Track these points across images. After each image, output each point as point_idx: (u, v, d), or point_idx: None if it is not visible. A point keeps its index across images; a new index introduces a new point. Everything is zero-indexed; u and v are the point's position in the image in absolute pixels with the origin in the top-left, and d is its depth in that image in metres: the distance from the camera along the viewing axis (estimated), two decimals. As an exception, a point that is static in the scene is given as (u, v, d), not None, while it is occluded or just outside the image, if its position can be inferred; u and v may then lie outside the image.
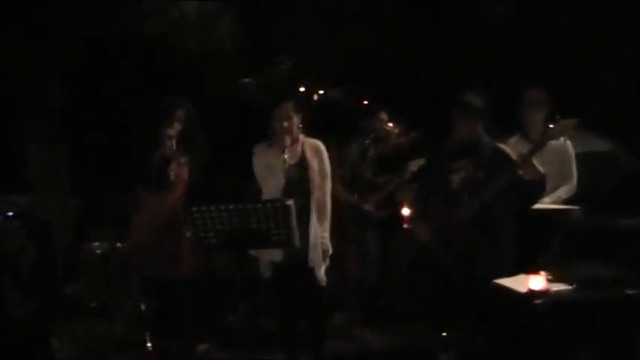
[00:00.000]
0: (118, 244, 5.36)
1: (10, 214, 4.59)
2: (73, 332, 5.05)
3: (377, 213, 5.49)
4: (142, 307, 4.91)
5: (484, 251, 4.20)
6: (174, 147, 4.43)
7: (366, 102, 6.51)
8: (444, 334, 4.67)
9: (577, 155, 4.90)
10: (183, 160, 4.48)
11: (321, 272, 4.35)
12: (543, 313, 3.51)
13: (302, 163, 4.34)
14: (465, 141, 4.37)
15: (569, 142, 4.80)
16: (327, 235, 4.40)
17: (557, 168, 4.73)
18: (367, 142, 5.50)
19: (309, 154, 4.37)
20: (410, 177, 5.38)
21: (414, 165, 5.34)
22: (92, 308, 5.59)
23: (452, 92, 4.49)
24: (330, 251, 4.42)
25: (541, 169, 4.32)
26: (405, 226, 5.21)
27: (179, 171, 4.46)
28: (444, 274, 4.46)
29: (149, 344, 4.75)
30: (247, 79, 6.33)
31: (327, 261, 4.40)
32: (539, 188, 4.42)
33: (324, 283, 4.36)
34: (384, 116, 5.62)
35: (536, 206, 4.57)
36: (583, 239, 4.52)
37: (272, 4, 6.41)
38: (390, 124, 5.60)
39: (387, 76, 6.91)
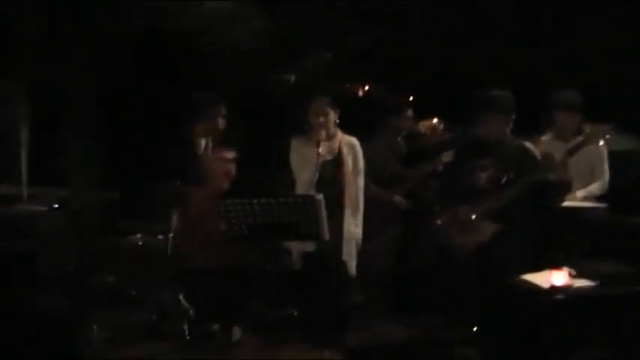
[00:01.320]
0: (154, 237, 5.53)
1: (56, 206, 4.76)
2: (106, 321, 5.21)
3: (402, 203, 5.50)
4: (179, 296, 5.12)
5: (506, 247, 4.28)
6: (211, 142, 4.62)
7: (396, 97, 6.60)
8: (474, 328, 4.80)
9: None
10: (219, 154, 4.65)
11: (352, 265, 4.48)
12: (565, 309, 3.59)
13: (337, 159, 4.48)
14: (491, 138, 4.46)
15: (602, 143, 4.84)
16: (359, 230, 4.53)
17: (589, 167, 4.83)
18: (399, 139, 5.57)
19: (345, 150, 4.50)
20: (440, 167, 5.44)
21: (447, 156, 5.39)
22: (126, 298, 5.78)
23: (474, 90, 4.56)
24: (359, 239, 4.55)
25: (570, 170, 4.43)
26: (427, 220, 5.29)
27: (216, 165, 4.63)
28: (466, 269, 4.57)
29: (185, 333, 4.94)
30: (282, 74, 6.43)
31: (352, 249, 4.54)
32: (565, 190, 4.51)
33: (353, 276, 4.49)
34: (410, 112, 5.71)
35: (565, 203, 4.66)
36: (607, 236, 4.59)
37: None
38: (420, 121, 5.68)
39: (416, 73, 6.99)
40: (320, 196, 3.88)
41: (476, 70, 6.15)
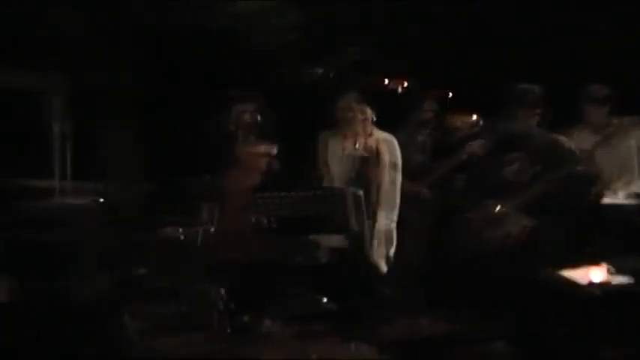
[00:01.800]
0: (188, 229, 5.62)
1: (102, 200, 4.87)
2: (141, 313, 5.32)
3: (427, 195, 5.48)
4: (211, 287, 5.21)
5: (537, 241, 4.27)
6: (248, 137, 4.68)
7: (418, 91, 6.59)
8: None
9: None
10: (258, 151, 4.70)
11: (383, 262, 4.50)
12: (603, 305, 3.56)
13: (373, 156, 4.49)
14: (520, 132, 4.45)
15: (632, 138, 4.84)
16: (394, 225, 4.54)
17: (618, 161, 4.77)
18: (427, 131, 5.57)
19: (382, 147, 4.51)
20: (469, 158, 5.41)
21: (471, 147, 5.35)
22: (163, 290, 5.88)
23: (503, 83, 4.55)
24: (395, 242, 4.55)
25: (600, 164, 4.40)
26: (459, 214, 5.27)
27: (254, 159, 4.69)
28: (496, 263, 4.56)
29: (217, 325, 5.03)
30: (315, 70, 6.48)
31: (390, 250, 4.55)
32: (593, 183, 4.49)
33: (384, 272, 4.51)
34: (434, 105, 5.69)
35: (604, 201, 4.64)
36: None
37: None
38: (447, 113, 5.66)
39: (443, 67, 6.99)
40: (354, 190, 3.91)
41: (506, 65, 6.13)
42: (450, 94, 6.20)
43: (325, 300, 5.14)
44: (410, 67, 6.70)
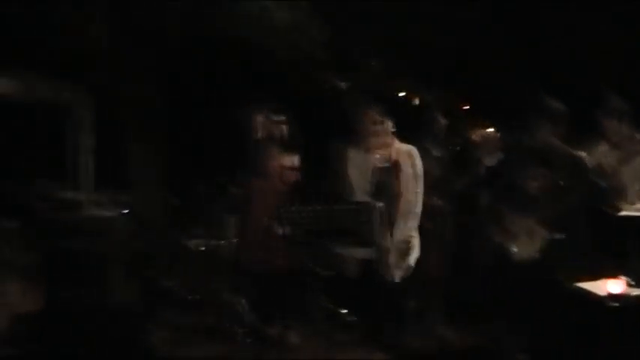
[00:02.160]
0: (215, 242, 5.70)
1: (126, 211, 4.96)
2: (167, 323, 5.41)
3: (448, 209, 5.54)
4: (237, 298, 5.28)
5: (559, 254, 4.32)
6: (274, 148, 4.78)
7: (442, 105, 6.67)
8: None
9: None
10: (283, 163, 4.79)
11: (404, 272, 4.55)
12: (622, 317, 3.61)
13: (393, 167, 4.56)
14: (544, 146, 4.51)
15: None
16: (414, 234, 4.59)
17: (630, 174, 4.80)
18: (445, 145, 5.63)
19: (402, 159, 4.58)
20: (485, 172, 5.47)
21: (489, 160, 5.41)
22: (188, 301, 5.97)
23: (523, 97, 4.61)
24: (415, 251, 4.61)
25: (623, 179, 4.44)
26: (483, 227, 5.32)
27: (279, 172, 4.78)
28: (520, 276, 4.62)
29: (243, 335, 5.11)
30: (339, 82, 6.57)
31: (409, 261, 4.60)
32: (618, 197, 4.54)
33: (399, 281, 4.54)
34: (444, 120, 5.78)
35: (623, 213, 4.67)
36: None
37: (357, 11, 6.66)
38: (468, 130, 5.73)
39: (463, 80, 7.08)
40: (378, 204, 3.99)
41: (530, 79, 6.21)
42: (468, 108, 6.25)
43: (349, 312, 5.23)
44: (428, 80, 6.79)
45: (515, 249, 4.60)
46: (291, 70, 6.44)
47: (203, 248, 5.81)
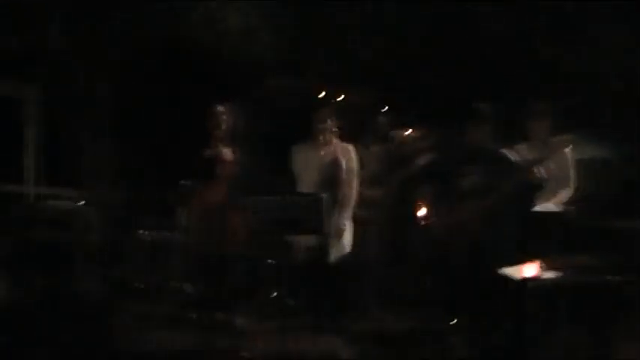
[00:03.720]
0: (165, 232, 5.98)
1: (82, 202, 5.18)
2: (123, 311, 5.60)
3: (385, 203, 5.93)
4: (189, 286, 5.58)
5: (491, 245, 4.79)
6: (224, 145, 5.13)
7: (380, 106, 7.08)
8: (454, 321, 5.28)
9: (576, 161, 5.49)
10: (229, 156, 5.16)
11: (335, 254, 4.95)
12: (535, 296, 4.09)
13: (334, 162, 4.99)
14: (475, 146, 4.96)
15: (568, 151, 5.29)
16: (345, 221, 5.01)
17: (557, 173, 5.27)
18: (388, 144, 6.06)
19: (340, 154, 5.02)
20: (418, 172, 5.92)
21: (421, 161, 5.89)
22: (141, 289, 6.22)
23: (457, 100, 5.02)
24: (348, 236, 5.02)
25: (544, 175, 4.92)
26: (420, 221, 5.77)
27: (227, 166, 5.14)
28: (454, 266, 5.08)
29: (195, 321, 5.38)
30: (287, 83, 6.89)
31: (343, 244, 5.02)
32: (539, 191, 5.05)
33: (338, 265, 4.93)
34: (388, 120, 6.21)
35: (538, 208, 5.18)
36: (575, 235, 5.15)
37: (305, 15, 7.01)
38: (402, 129, 6.17)
39: (399, 82, 7.51)
40: (323, 195, 4.40)
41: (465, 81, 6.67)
42: (404, 110, 6.66)
43: (297, 297, 5.59)
44: (369, 83, 7.18)
45: (448, 238, 5.03)
46: (244, 71, 6.73)
47: (157, 238, 6.09)
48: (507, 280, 4.27)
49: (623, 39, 6.27)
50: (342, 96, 7.40)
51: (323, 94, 6.94)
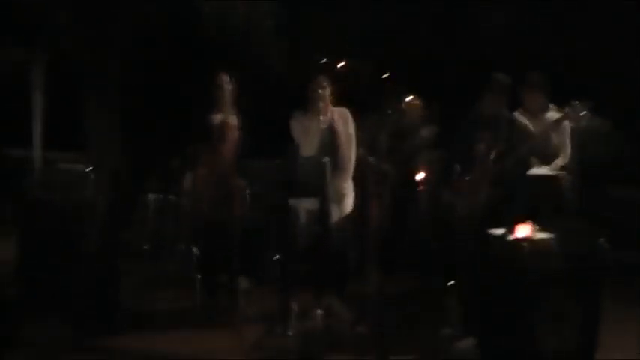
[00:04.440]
0: (171, 197, 6.15)
1: (90, 168, 5.33)
2: (128, 272, 5.76)
3: (394, 173, 6.15)
4: (193, 248, 5.75)
5: (500, 207, 4.98)
6: (228, 112, 5.28)
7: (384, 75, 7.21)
8: (451, 282, 5.48)
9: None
10: (234, 122, 5.32)
11: (335, 215, 5.09)
12: (527, 256, 4.20)
13: (331, 128, 5.12)
14: (490, 113, 5.14)
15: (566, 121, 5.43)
16: (345, 185, 5.13)
17: (555, 141, 5.45)
18: (389, 112, 6.20)
19: (337, 119, 5.15)
20: (423, 142, 6.08)
21: (426, 132, 6.03)
22: (145, 251, 6.40)
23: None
24: (349, 199, 5.16)
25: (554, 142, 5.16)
26: (420, 187, 5.93)
27: (232, 131, 5.30)
28: (452, 230, 5.28)
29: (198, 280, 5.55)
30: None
31: (344, 207, 5.15)
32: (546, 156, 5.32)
33: (334, 222, 5.06)
34: (399, 92, 6.35)
35: (535, 171, 5.37)
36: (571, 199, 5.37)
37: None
38: (408, 99, 6.31)
39: (407, 54, 7.65)
40: (326, 159, 4.55)
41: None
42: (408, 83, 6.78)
43: (296, 260, 5.76)
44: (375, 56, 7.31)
45: (461, 202, 5.23)
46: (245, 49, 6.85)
47: (155, 202, 6.27)
48: (500, 238, 4.38)
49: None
50: (342, 63, 7.53)
51: (323, 60, 7.06)
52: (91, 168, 5.57)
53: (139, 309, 5.33)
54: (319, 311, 5.06)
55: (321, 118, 5.09)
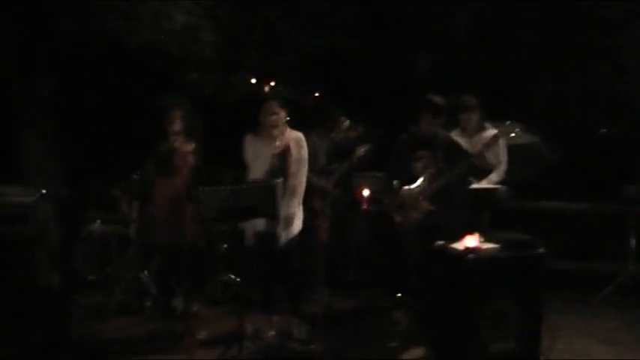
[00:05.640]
0: (117, 224, 6.12)
1: (39, 194, 5.24)
2: (82, 301, 5.81)
3: (333, 191, 6.24)
4: (142, 274, 5.76)
5: (441, 221, 5.19)
6: (178, 139, 5.35)
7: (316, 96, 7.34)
8: (398, 295, 5.69)
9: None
10: (185, 149, 5.39)
11: (284, 238, 5.18)
12: (475, 265, 4.46)
13: (285, 152, 5.24)
14: (427, 134, 5.34)
15: (501, 139, 5.65)
16: (293, 209, 5.22)
17: (490, 157, 5.73)
18: (332, 135, 6.35)
19: (292, 144, 5.28)
20: (357, 161, 6.26)
21: (361, 151, 6.22)
22: (91, 281, 6.34)
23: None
24: (299, 220, 5.27)
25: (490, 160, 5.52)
26: (363, 205, 6.10)
27: (182, 159, 5.37)
28: (398, 244, 5.46)
29: (149, 308, 5.61)
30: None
31: (292, 230, 5.24)
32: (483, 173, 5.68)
33: (283, 245, 5.17)
34: (338, 113, 6.53)
35: (474, 186, 5.66)
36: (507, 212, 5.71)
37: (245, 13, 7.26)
38: (343, 121, 6.48)
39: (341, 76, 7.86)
40: (277, 181, 4.67)
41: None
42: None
43: (247, 282, 5.84)
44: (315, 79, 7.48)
45: (400, 218, 5.40)
46: (185, 69, 6.92)
47: (100, 231, 6.22)
48: (449, 250, 4.60)
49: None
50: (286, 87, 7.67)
51: (271, 84, 7.18)
52: (35, 199, 5.51)
53: (90, 340, 5.29)
54: (272, 332, 5.20)
55: (277, 143, 5.20)
